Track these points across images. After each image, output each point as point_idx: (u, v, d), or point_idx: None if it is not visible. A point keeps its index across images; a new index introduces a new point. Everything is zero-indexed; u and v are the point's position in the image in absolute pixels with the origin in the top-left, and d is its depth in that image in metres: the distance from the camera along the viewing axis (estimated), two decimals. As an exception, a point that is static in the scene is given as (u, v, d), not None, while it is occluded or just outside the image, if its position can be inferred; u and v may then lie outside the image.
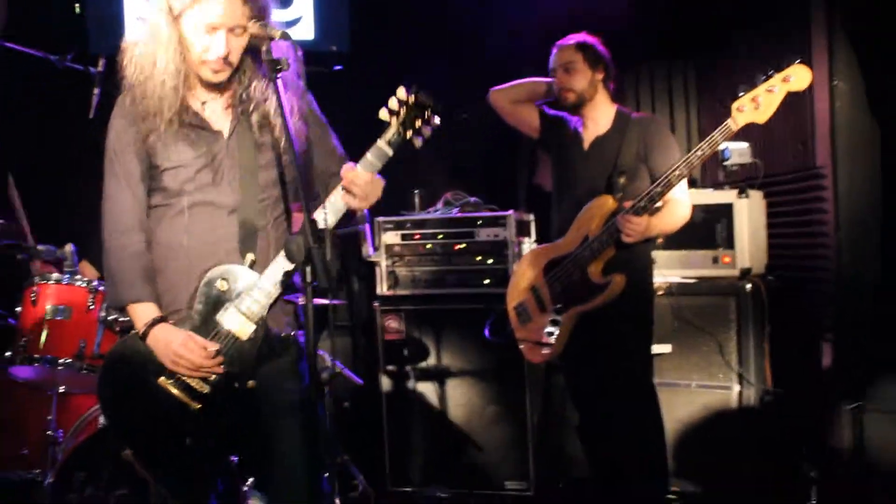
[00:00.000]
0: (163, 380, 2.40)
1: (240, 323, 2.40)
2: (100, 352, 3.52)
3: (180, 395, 2.39)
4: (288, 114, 2.30)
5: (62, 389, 3.69)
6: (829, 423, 4.04)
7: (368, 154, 2.40)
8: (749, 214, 4.10)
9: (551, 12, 4.69)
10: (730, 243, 4.09)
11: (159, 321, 2.41)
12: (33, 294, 3.59)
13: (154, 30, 2.39)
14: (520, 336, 3.81)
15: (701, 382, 4.09)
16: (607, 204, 3.57)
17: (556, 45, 3.77)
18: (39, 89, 4.50)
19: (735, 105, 3.28)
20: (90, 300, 3.59)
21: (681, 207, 3.62)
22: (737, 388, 4.02)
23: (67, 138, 4.46)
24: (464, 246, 4.35)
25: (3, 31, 4.60)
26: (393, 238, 4.43)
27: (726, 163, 4.27)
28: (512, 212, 4.32)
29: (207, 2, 2.30)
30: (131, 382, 2.44)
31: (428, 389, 4.38)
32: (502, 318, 3.90)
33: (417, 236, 4.41)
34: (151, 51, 2.39)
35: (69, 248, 3.74)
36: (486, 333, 4.10)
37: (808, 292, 4.22)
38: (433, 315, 4.37)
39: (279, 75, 2.28)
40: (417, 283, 4.41)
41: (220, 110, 2.50)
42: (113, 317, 3.53)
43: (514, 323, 3.82)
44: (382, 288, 4.44)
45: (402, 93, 2.36)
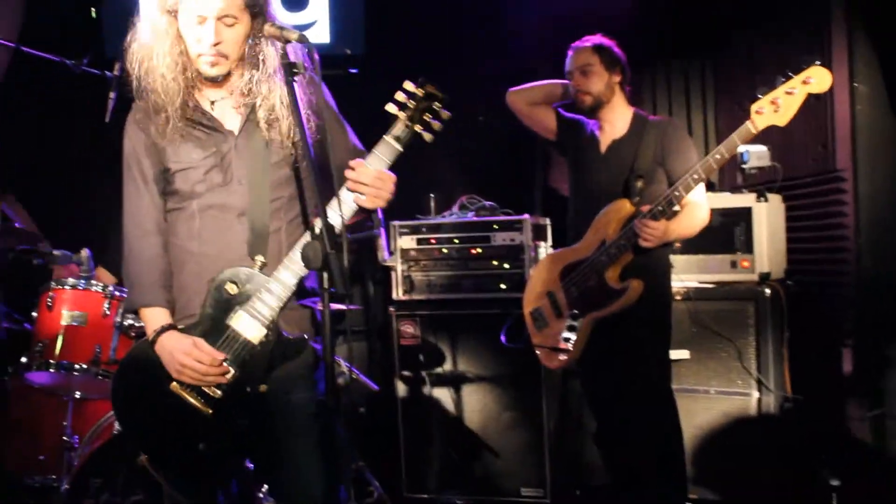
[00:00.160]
0: (175, 385, 2.39)
1: (251, 327, 2.37)
2: (115, 357, 3.52)
3: (193, 401, 2.38)
4: (303, 111, 2.25)
5: (78, 395, 3.71)
6: (850, 429, 4.00)
7: (375, 150, 2.35)
8: (768, 218, 4.07)
9: (567, 13, 4.67)
10: (748, 247, 4.06)
11: (168, 328, 2.41)
12: (49, 299, 3.60)
13: (151, 25, 2.40)
14: (536, 342, 3.78)
15: (719, 388, 4.06)
16: (624, 208, 3.54)
17: (572, 47, 3.75)
18: (56, 93, 4.50)
19: (754, 107, 3.25)
20: (106, 305, 3.59)
21: (699, 211, 3.59)
22: (756, 394, 3.98)
23: (83, 143, 4.46)
24: (479, 250, 4.32)
25: (19, 35, 4.62)
26: (408, 242, 4.41)
27: (744, 166, 4.24)
28: (528, 216, 4.29)
29: None
30: (145, 386, 2.43)
31: (443, 395, 4.35)
32: (518, 323, 3.88)
33: (433, 241, 4.39)
34: (149, 45, 2.40)
35: (85, 253, 3.73)
36: (503, 339, 4.08)
37: (828, 297, 4.18)
38: (449, 320, 4.34)
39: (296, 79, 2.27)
40: (433, 288, 4.39)
41: (231, 109, 2.47)
42: (128, 322, 3.54)
43: (530, 328, 3.80)
44: (398, 293, 4.42)
45: (409, 85, 2.33)
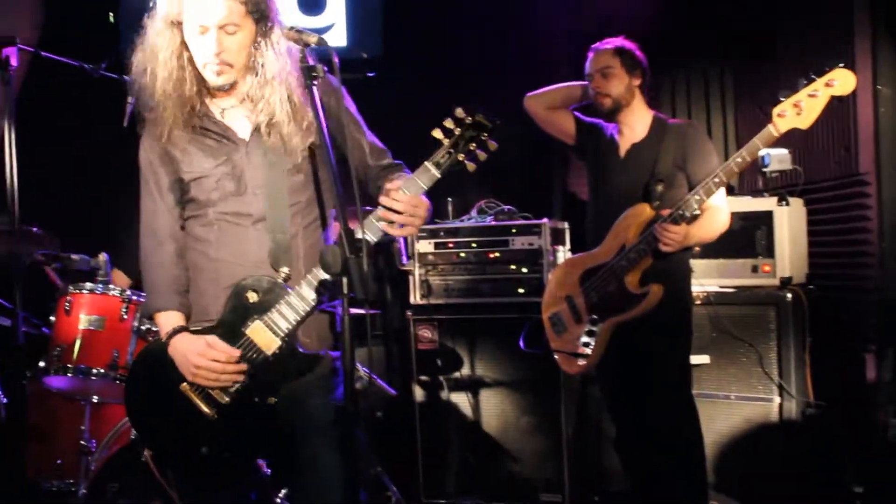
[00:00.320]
0: (185, 386, 2.40)
1: (266, 337, 2.35)
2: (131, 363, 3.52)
3: (200, 404, 2.38)
4: (321, 114, 2.22)
5: (95, 399, 3.71)
6: (873, 436, 3.94)
7: (414, 175, 2.32)
8: (789, 222, 4.03)
9: (586, 16, 4.65)
10: (770, 252, 4.03)
11: (180, 330, 2.41)
12: (67, 303, 3.60)
13: (153, 35, 2.39)
14: (555, 347, 3.75)
15: (740, 394, 4.03)
16: (645, 212, 3.51)
17: (592, 48, 3.72)
18: (74, 98, 4.51)
19: (776, 110, 3.23)
20: (123, 310, 3.59)
21: (720, 215, 3.57)
22: (777, 400, 3.94)
23: (101, 147, 4.46)
24: (498, 255, 4.29)
25: (38, 40, 4.64)
26: (426, 247, 4.39)
27: (765, 169, 4.21)
28: (546, 220, 4.27)
29: (193, 3, 2.30)
30: (155, 384, 2.45)
31: (461, 400, 4.33)
32: (537, 328, 3.85)
33: (451, 245, 4.37)
34: (151, 55, 2.39)
35: (103, 257, 3.74)
36: (521, 344, 4.05)
37: (850, 302, 4.14)
38: (467, 325, 4.32)
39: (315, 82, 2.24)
40: (451, 293, 4.36)
41: (242, 117, 2.46)
42: (146, 326, 3.54)
43: (549, 333, 3.77)
44: (416, 297, 4.40)
45: (459, 111, 2.28)
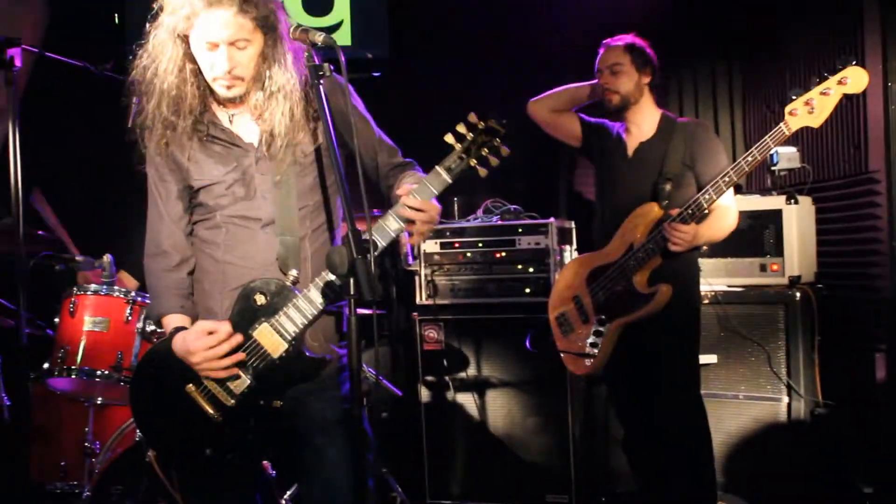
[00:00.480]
0: (190, 387, 2.39)
1: (273, 340, 2.35)
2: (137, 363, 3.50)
3: (205, 405, 2.37)
4: (328, 115, 2.21)
5: (100, 401, 3.71)
6: (883, 436, 3.92)
7: (425, 180, 2.31)
8: (798, 221, 4.01)
9: (593, 16, 4.63)
10: (778, 251, 4.01)
11: (180, 330, 2.41)
12: (72, 305, 3.58)
13: (157, 45, 2.37)
14: (562, 347, 3.73)
15: (748, 394, 4.01)
16: (653, 212, 3.49)
17: (603, 44, 3.70)
18: (79, 98, 4.50)
19: (788, 108, 3.23)
20: (128, 311, 3.58)
21: (728, 214, 3.55)
22: (786, 399, 3.92)
23: (106, 148, 4.44)
24: (504, 254, 4.27)
25: (43, 40, 4.63)
26: (432, 247, 4.37)
27: (774, 168, 4.19)
28: (553, 219, 4.25)
29: (202, 20, 2.28)
30: (161, 385, 2.43)
31: (467, 400, 4.31)
32: (544, 328, 3.83)
33: (457, 245, 4.35)
34: (154, 66, 2.38)
35: (107, 258, 3.72)
36: (528, 344, 4.03)
37: (859, 301, 4.12)
38: (473, 325, 4.30)
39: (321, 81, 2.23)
40: (457, 293, 4.35)
41: (250, 122, 2.47)
42: (151, 328, 3.52)
43: (555, 333, 3.74)
44: (421, 297, 4.38)
45: (472, 116, 2.27)
